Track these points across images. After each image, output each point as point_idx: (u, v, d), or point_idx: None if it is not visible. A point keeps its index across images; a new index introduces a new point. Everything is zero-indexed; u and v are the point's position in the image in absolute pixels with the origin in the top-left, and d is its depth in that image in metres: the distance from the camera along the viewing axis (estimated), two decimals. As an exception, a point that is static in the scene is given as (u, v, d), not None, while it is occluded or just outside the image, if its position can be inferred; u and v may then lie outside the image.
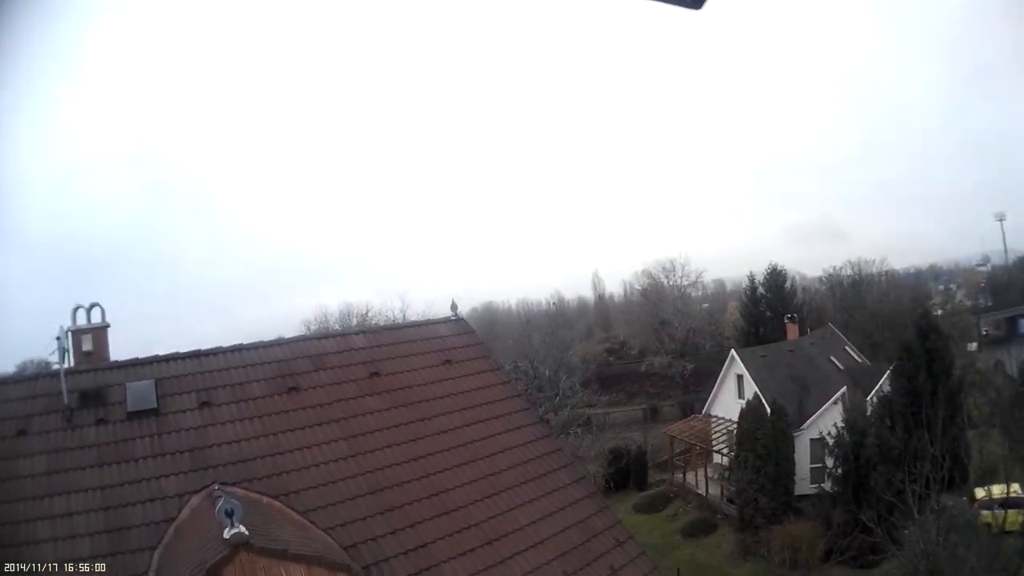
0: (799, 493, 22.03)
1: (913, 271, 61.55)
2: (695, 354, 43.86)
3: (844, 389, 23.68)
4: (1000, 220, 57.20)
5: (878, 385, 24.30)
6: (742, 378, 26.30)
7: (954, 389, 22.14)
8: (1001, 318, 51.31)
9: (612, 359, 51.28)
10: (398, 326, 13.13)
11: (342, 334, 11.19)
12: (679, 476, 27.14)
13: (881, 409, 22.32)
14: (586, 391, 29.67)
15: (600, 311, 64.01)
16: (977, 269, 59.97)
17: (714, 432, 26.76)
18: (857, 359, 29.57)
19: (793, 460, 22.17)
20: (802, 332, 32.07)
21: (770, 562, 18.67)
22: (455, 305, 11.07)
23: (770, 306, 37.26)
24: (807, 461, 23.24)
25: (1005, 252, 59.86)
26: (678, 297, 48.81)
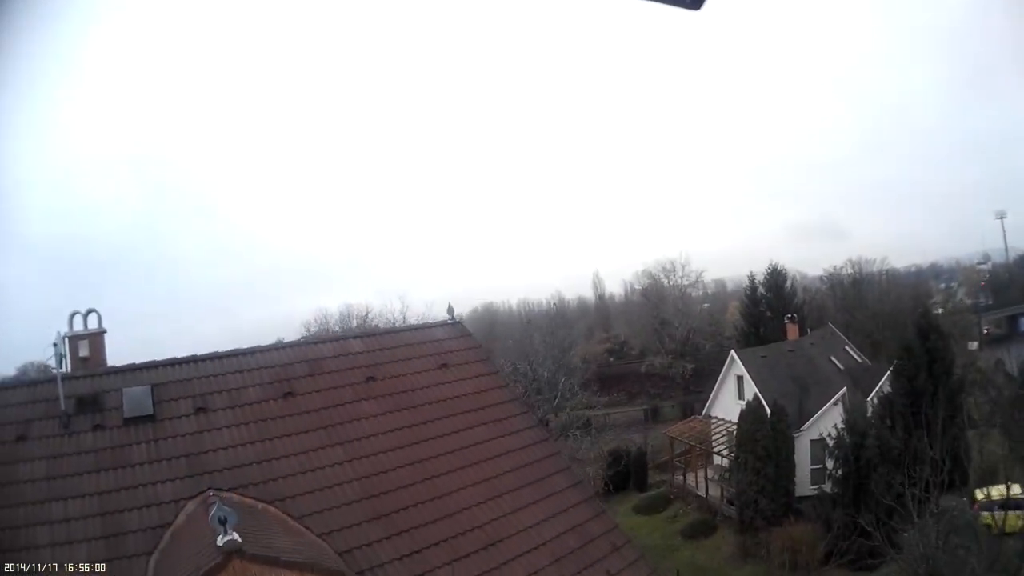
0: (800, 494, 21.95)
1: (914, 270, 61.45)
2: (695, 354, 43.80)
3: (844, 390, 23.61)
4: (1000, 218, 57.13)
5: (879, 385, 24.24)
6: (742, 379, 26.25)
7: (954, 389, 22.08)
8: (1002, 316, 51.18)
9: (613, 359, 51.24)
10: (395, 330, 13.13)
11: (338, 338, 11.22)
12: (679, 477, 27.10)
13: (882, 410, 22.26)
14: (586, 392, 29.64)
15: (600, 311, 63.96)
16: (978, 267, 59.82)
17: (714, 433, 26.72)
18: (857, 359, 29.50)
19: (793, 461, 22.10)
20: (802, 332, 32.00)
21: (770, 564, 18.63)
22: (452, 308, 11.08)
23: (770, 306, 37.19)
24: (807, 462, 23.17)
25: (1006, 250, 59.79)
26: (678, 297, 48.74)
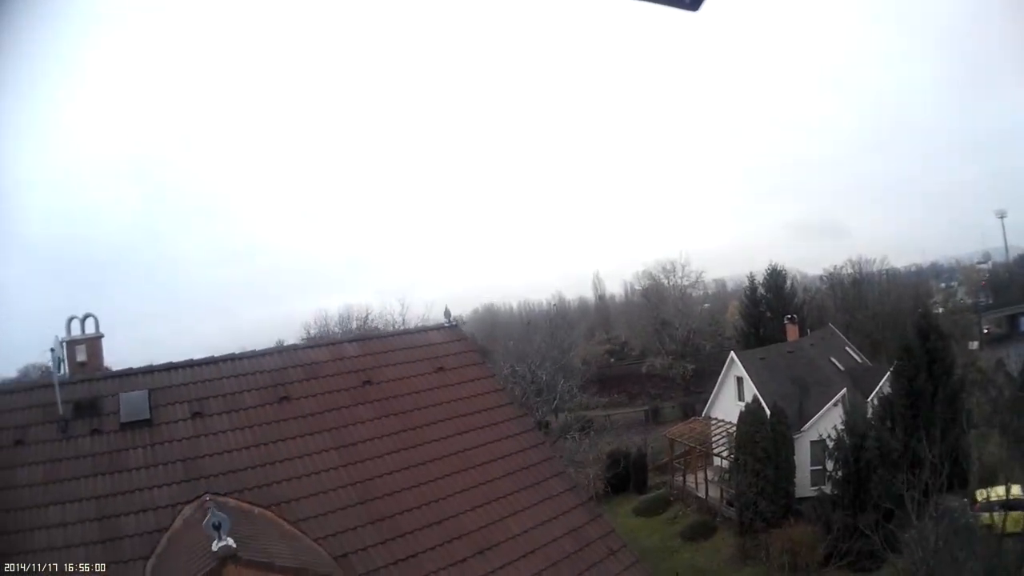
0: (800, 496, 21.93)
1: (914, 269, 61.33)
2: (696, 355, 43.78)
3: (844, 391, 23.59)
4: (1001, 217, 57.09)
5: (879, 386, 24.21)
6: (742, 380, 26.22)
7: (955, 390, 22.04)
8: (1002, 316, 51.08)
9: (613, 360, 51.21)
10: (391, 334, 13.14)
11: (334, 342, 11.23)
12: (679, 479, 27.08)
13: (882, 411, 22.23)
14: (585, 394, 29.60)
15: (601, 312, 63.95)
16: (978, 267, 59.78)
17: (714, 435, 26.70)
18: (858, 359, 29.47)
19: (793, 463, 22.08)
20: (802, 332, 31.97)
21: (769, 566, 18.61)
22: (449, 311, 11.09)
23: (770, 307, 37.18)
24: (807, 463, 23.16)
25: (1006, 249, 59.74)
26: (678, 298, 48.72)
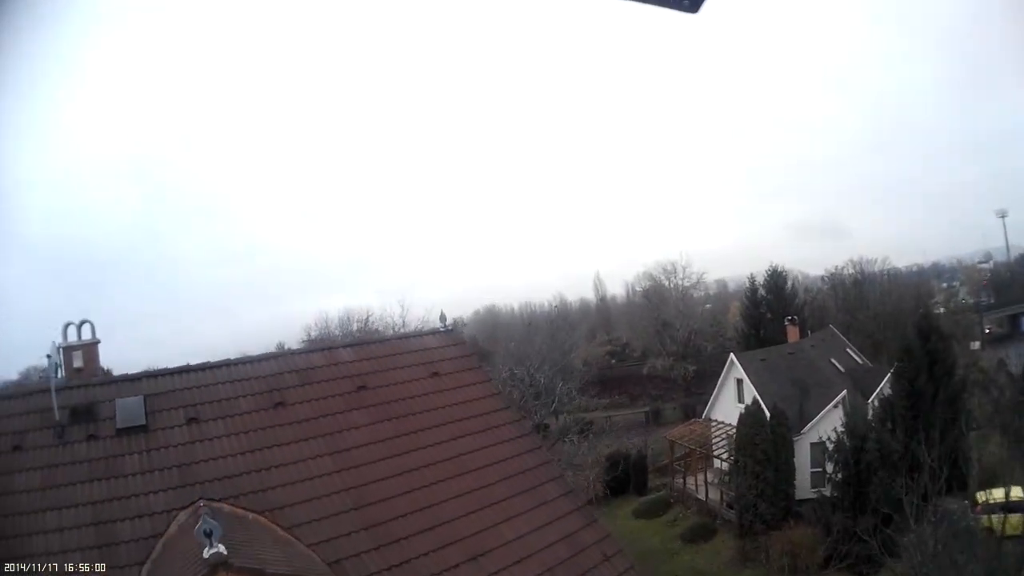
0: (800, 497, 21.87)
1: (915, 269, 61.18)
2: (697, 356, 43.71)
3: (844, 392, 23.52)
4: (1002, 216, 56.84)
5: (879, 387, 24.13)
6: (741, 382, 26.16)
7: (956, 391, 21.96)
8: (1004, 316, 50.92)
9: (614, 361, 51.16)
10: (386, 338, 13.16)
11: (329, 348, 11.23)
12: (679, 481, 27.03)
13: (882, 412, 22.16)
14: (584, 397, 29.53)
15: (602, 313, 63.89)
16: (979, 266, 59.56)
17: (714, 436, 26.64)
18: (858, 360, 29.38)
19: (793, 465, 22.02)
20: (803, 333, 31.88)
21: (769, 568, 18.56)
22: (444, 316, 11.13)
23: (771, 308, 37.09)
24: (808, 465, 23.08)
25: (1007, 249, 59.51)
26: (679, 299, 48.65)
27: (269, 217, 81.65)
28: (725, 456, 24.44)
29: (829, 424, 22.05)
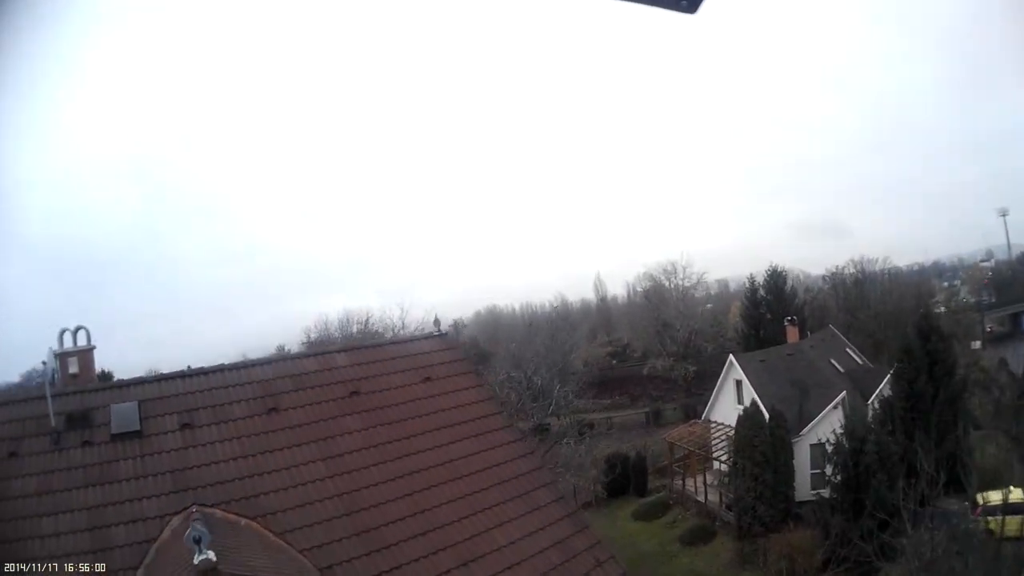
0: (800, 499, 21.79)
1: (917, 268, 60.99)
2: (698, 356, 43.62)
3: (844, 394, 23.45)
4: (1003, 215, 56.61)
5: (879, 388, 24.05)
6: (740, 383, 26.10)
7: (956, 392, 21.84)
8: (1005, 314, 50.75)
9: (615, 362, 51.12)
10: (380, 343, 13.17)
11: (323, 353, 11.27)
12: (678, 482, 26.99)
13: (882, 414, 22.07)
14: (581, 399, 29.47)
15: (603, 313, 63.86)
16: (981, 265, 59.36)
17: (713, 438, 26.58)
18: (859, 361, 29.29)
19: (792, 467, 21.95)
20: (804, 334, 31.79)
21: (766, 572, 18.51)
22: (438, 321, 11.16)
23: (770, 308, 37.04)
24: (807, 467, 23.01)
25: (1008, 247, 59.26)
26: (680, 299, 48.55)
27: (269, 217, 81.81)
28: (724, 458, 24.39)
29: (829, 425, 21.96)
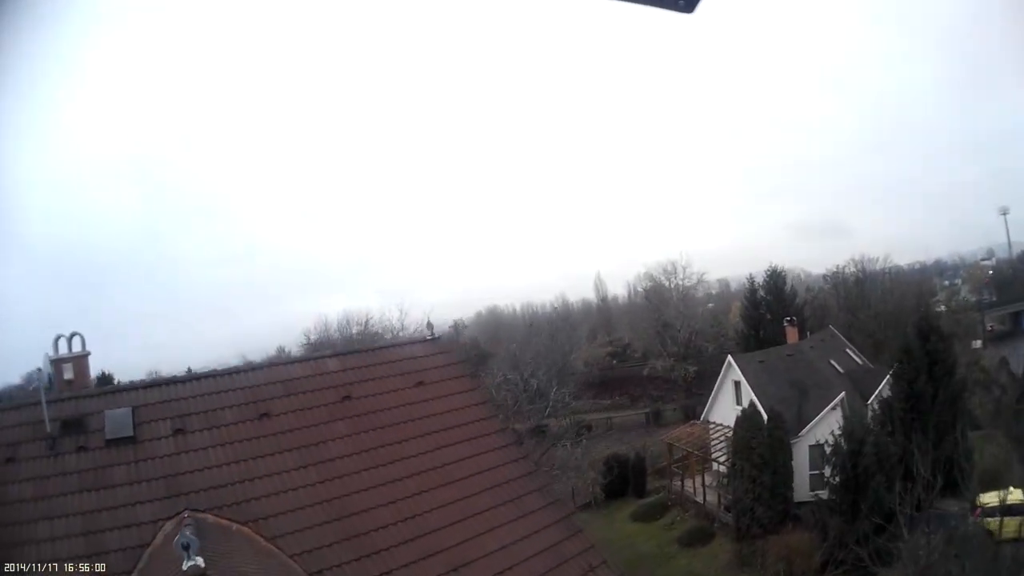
0: (799, 500, 21.72)
1: (918, 267, 60.75)
2: (698, 357, 43.52)
3: (843, 394, 23.38)
4: (1004, 214, 56.37)
5: (879, 389, 23.97)
6: (739, 384, 26.03)
7: (955, 392, 21.75)
8: (1006, 313, 50.56)
9: (615, 362, 51.06)
10: (372, 348, 13.20)
11: (315, 358, 11.31)
12: (677, 484, 26.96)
13: (882, 415, 21.99)
14: (579, 401, 29.39)
15: (603, 313, 63.78)
16: (981, 264, 59.11)
17: (712, 439, 26.53)
18: (858, 361, 29.19)
19: (791, 468, 21.88)
20: (804, 334, 31.70)
21: (765, 573, 18.49)
22: (431, 324, 11.17)
23: (770, 309, 36.94)
24: (806, 468, 22.93)
25: (1009, 246, 59.01)
26: (680, 299, 48.45)
27: (269, 217, 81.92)
28: (723, 459, 24.35)
29: (828, 426, 21.88)
